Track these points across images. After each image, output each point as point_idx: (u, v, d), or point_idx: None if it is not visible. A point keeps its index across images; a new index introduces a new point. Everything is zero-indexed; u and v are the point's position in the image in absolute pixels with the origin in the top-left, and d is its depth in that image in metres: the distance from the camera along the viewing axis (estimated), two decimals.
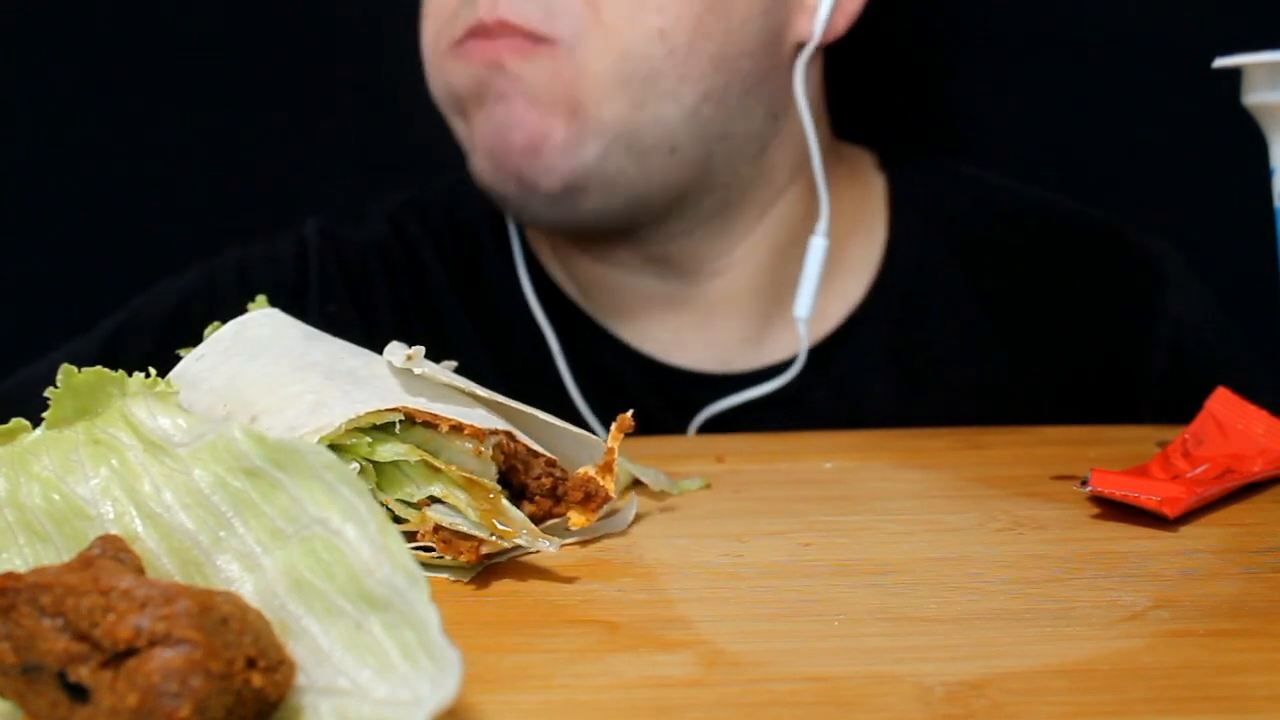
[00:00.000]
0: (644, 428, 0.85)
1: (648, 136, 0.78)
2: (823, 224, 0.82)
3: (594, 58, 0.76)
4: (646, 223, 0.83)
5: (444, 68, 0.81)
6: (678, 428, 0.86)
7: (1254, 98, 0.61)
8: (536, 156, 0.78)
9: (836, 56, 0.88)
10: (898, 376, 0.87)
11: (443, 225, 0.93)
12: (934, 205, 0.91)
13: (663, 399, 0.87)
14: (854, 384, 0.87)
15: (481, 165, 0.81)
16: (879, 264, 0.89)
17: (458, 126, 0.83)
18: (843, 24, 0.83)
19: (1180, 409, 0.64)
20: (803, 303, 0.82)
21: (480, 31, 0.77)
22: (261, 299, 0.63)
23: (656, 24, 0.76)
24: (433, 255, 0.91)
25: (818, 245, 0.82)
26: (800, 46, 0.82)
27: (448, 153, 1.07)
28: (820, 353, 0.86)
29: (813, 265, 0.82)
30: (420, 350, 0.55)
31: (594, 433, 0.68)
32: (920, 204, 0.91)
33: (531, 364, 0.88)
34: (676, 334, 0.87)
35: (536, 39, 0.76)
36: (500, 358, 0.88)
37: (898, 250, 0.89)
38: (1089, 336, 0.90)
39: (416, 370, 0.54)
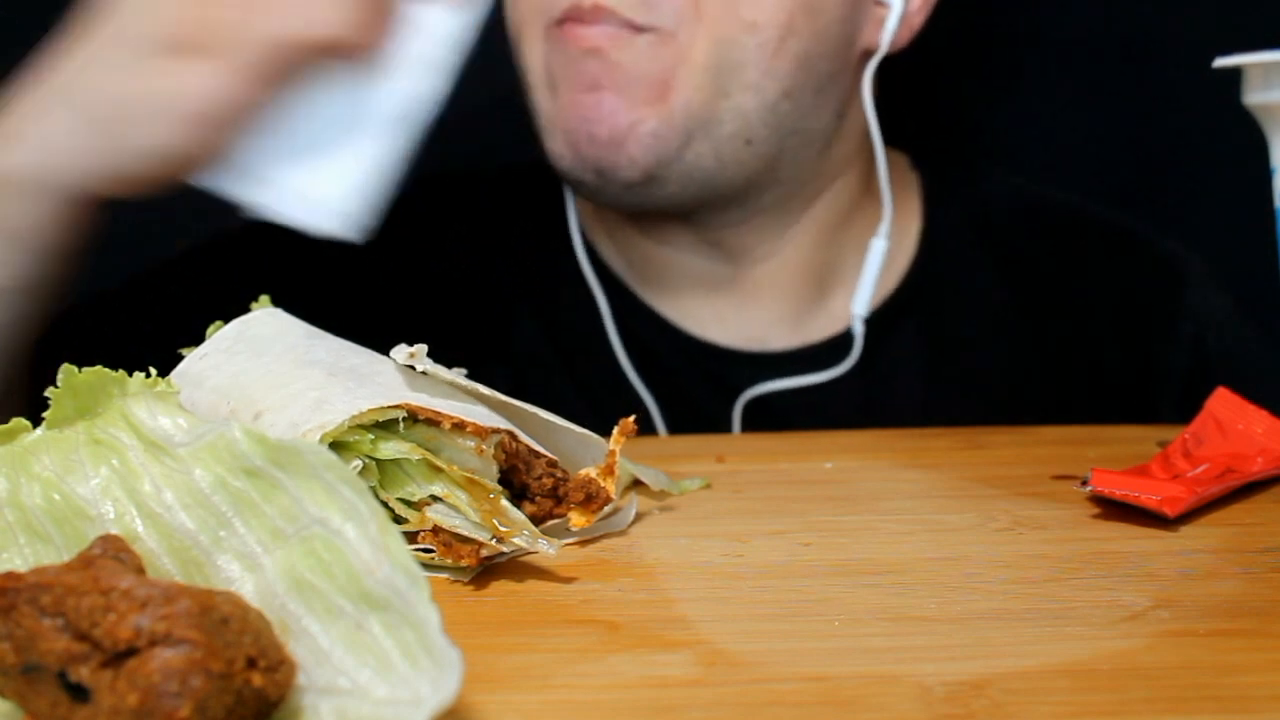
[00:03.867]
0: (681, 400, 0.86)
1: (726, 126, 0.79)
2: (884, 226, 0.85)
3: (691, 44, 0.77)
4: (711, 209, 0.84)
5: (537, 48, 0.82)
6: (714, 400, 0.87)
7: (1254, 98, 0.61)
8: (620, 148, 0.79)
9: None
10: (929, 369, 0.89)
11: (487, 196, 0.94)
12: (966, 205, 0.93)
13: (700, 372, 0.88)
14: (886, 374, 0.88)
15: (559, 149, 0.81)
16: (912, 260, 0.91)
17: (541, 102, 0.83)
18: (906, 37, 0.85)
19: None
20: (860, 300, 0.85)
21: (577, 15, 0.77)
22: (265, 299, 0.63)
23: (749, 15, 0.77)
24: (467, 226, 0.92)
25: (878, 247, 0.85)
26: (865, 53, 0.84)
27: (448, 152, 1.07)
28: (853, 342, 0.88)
29: (872, 266, 0.85)
30: (423, 348, 0.55)
31: (637, 398, 0.69)
32: (953, 204, 0.93)
33: (578, 333, 0.89)
34: (717, 312, 0.89)
35: (636, 27, 0.77)
36: (547, 325, 0.90)
37: (931, 247, 0.91)
38: (1114, 335, 0.92)
39: (419, 368, 0.54)
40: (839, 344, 0.87)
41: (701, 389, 0.88)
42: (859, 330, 0.85)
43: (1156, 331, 0.92)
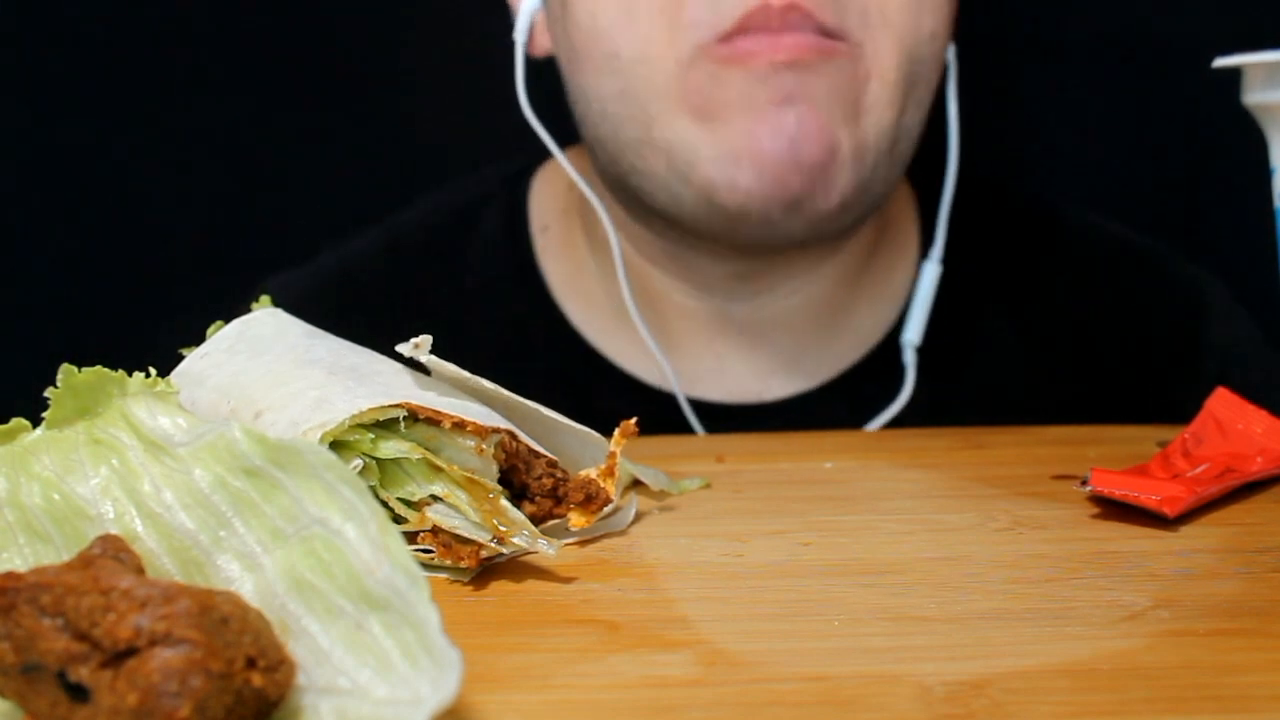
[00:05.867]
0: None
1: (902, 144, 0.75)
2: (937, 250, 0.83)
3: (883, 57, 0.71)
4: (834, 238, 0.80)
5: (682, 71, 0.71)
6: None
7: (1254, 98, 0.61)
8: (825, 172, 0.71)
9: None
10: (936, 408, 0.85)
11: (438, 250, 0.89)
12: (969, 227, 0.88)
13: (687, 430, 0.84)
14: (894, 417, 0.84)
15: (744, 180, 0.71)
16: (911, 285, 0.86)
17: (680, 135, 0.72)
18: None
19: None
20: (913, 326, 0.83)
21: (759, 23, 0.69)
22: (265, 299, 0.63)
23: (929, 25, 0.73)
24: (438, 283, 0.88)
25: (931, 272, 0.83)
26: None
27: (452, 156, 1.07)
28: (858, 372, 0.85)
29: (925, 289, 0.83)
30: (427, 339, 0.55)
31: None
32: (954, 226, 0.87)
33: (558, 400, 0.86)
34: (717, 359, 0.84)
35: (827, 33, 0.70)
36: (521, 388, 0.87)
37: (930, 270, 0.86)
38: (1130, 367, 0.88)
39: (422, 358, 0.54)
40: (835, 389, 0.84)
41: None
42: (910, 360, 0.82)
43: (1180, 366, 0.87)
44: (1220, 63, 0.61)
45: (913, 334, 0.82)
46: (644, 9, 0.71)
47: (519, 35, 0.81)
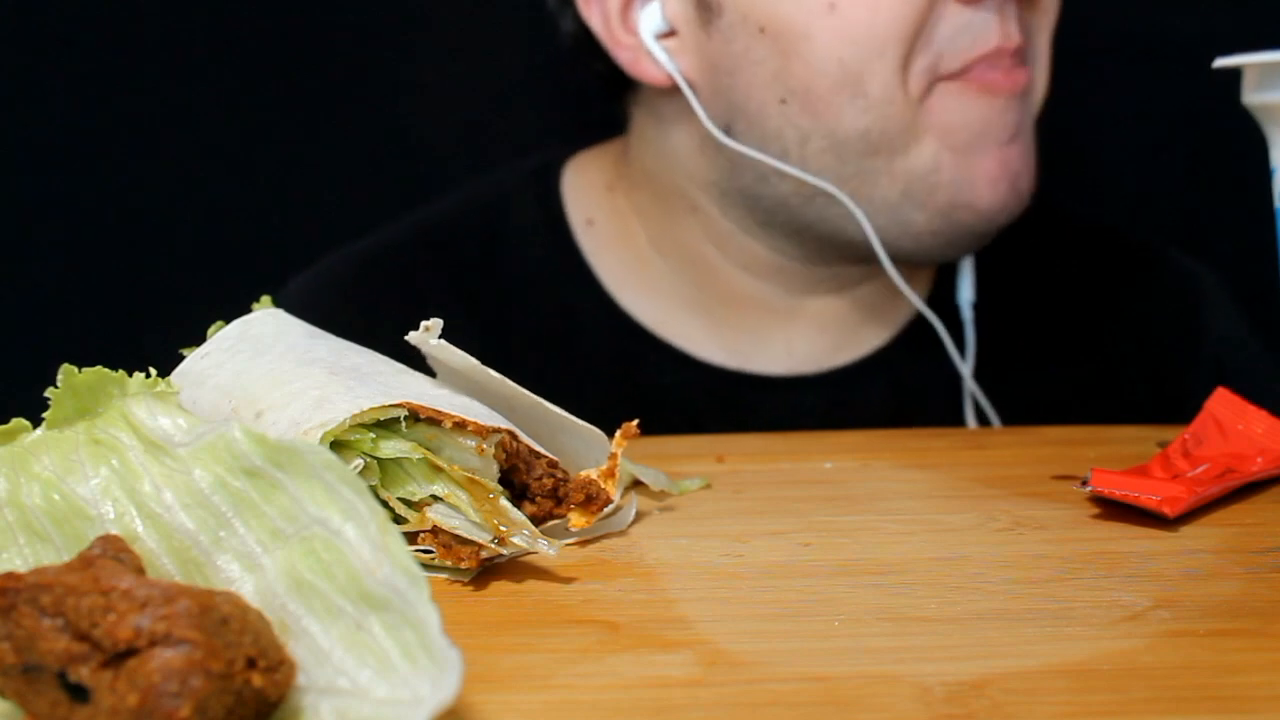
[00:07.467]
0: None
1: None
2: None
3: (1039, 88, 0.80)
4: None
5: (944, 96, 0.76)
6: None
7: (1254, 98, 0.61)
8: (1024, 202, 0.79)
9: None
10: (951, 388, 0.88)
11: (474, 242, 0.90)
12: None
13: (734, 408, 0.87)
14: (911, 391, 0.87)
15: (982, 202, 0.77)
16: (931, 281, 0.89)
17: (926, 161, 0.77)
18: None
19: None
20: (965, 288, 0.86)
21: (992, 62, 0.76)
22: (265, 299, 0.63)
23: (1045, 61, 0.81)
24: (435, 283, 0.89)
25: None
26: None
27: (455, 160, 1.06)
28: (880, 358, 0.87)
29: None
30: (438, 323, 0.54)
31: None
32: None
33: (605, 386, 0.87)
34: (788, 340, 0.87)
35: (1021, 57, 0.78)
36: (570, 379, 0.86)
37: (947, 268, 0.89)
38: (1136, 355, 0.91)
39: (432, 342, 0.54)
40: (894, 349, 0.87)
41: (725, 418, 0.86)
42: (968, 318, 0.85)
43: (1179, 351, 0.91)
44: (1220, 63, 0.61)
45: (966, 293, 0.86)
46: (894, 51, 0.75)
47: (667, 64, 0.79)
